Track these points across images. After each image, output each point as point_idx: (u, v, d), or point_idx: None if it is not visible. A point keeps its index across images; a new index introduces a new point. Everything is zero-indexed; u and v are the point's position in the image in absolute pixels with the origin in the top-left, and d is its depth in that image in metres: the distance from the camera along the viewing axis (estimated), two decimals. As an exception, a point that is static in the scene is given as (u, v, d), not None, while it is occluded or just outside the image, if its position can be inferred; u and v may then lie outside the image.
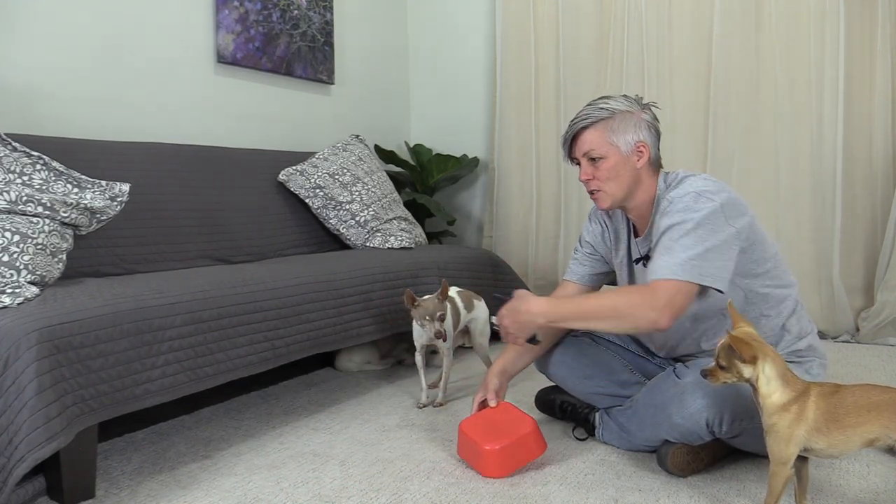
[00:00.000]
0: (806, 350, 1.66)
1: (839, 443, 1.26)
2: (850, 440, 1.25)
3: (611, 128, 1.62)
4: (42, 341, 1.40)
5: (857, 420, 1.24)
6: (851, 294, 3.10)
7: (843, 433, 1.25)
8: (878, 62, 3.00)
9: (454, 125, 4.07)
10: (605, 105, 1.64)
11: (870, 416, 1.24)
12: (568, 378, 1.88)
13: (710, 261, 1.47)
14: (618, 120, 1.63)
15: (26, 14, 2.30)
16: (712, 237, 1.48)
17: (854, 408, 1.25)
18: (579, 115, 1.66)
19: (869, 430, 1.24)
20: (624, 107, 1.64)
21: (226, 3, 2.94)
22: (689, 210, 1.51)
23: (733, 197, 1.54)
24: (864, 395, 1.26)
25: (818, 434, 1.26)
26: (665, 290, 1.46)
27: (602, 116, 1.63)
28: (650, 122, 1.66)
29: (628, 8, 3.41)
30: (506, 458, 1.59)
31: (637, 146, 1.63)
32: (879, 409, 1.24)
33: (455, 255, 2.84)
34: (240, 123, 3.09)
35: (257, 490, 1.56)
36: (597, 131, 1.63)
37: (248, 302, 1.88)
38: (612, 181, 1.63)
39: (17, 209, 1.82)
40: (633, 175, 1.64)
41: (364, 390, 2.37)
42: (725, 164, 3.25)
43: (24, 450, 1.33)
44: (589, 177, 1.66)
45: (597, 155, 1.63)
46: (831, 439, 1.26)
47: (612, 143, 1.62)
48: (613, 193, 1.65)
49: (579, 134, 1.66)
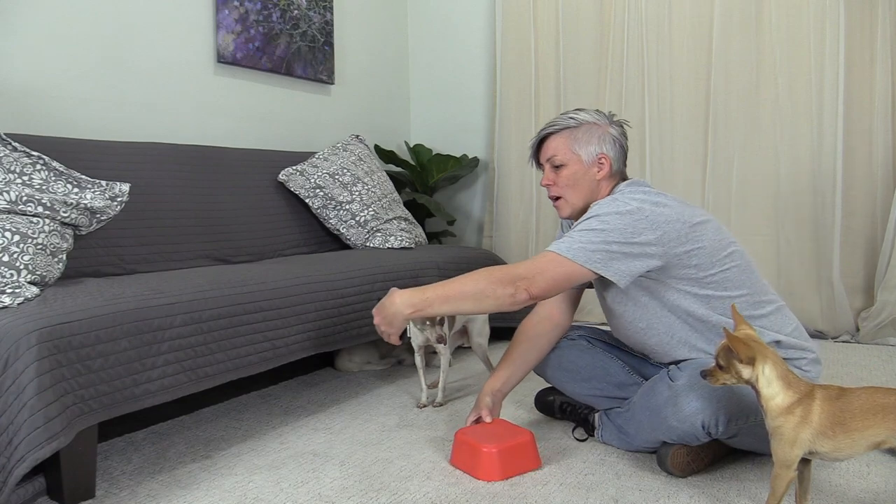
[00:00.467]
0: (787, 343, 1.62)
1: (845, 446, 1.25)
2: (856, 444, 1.25)
3: (574, 137, 1.70)
4: (42, 341, 1.40)
5: (864, 423, 1.24)
6: (851, 294, 3.10)
7: (850, 437, 1.24)
8: (878, 62, 3.01)
9: (454, 125, 4.07)
10: (574, 116, 1.72)
11: (876, 419, 1.23)
12: (566, 381, 1.88)
13: (605, 251, 1.51)
14: (583, 130, 1.70)
15: (26, 14, 2.30)
16: (614, 234, 1.51)
17: (860, 411, 1.24)
18: (548, 123, 1.74)
19: (876, 433, 1.23)
20: (592, 119, 1.71)
21: (226, 3, 2.94)
22: (601, 207, 1.57)
23: (662, 208, 1.54)
24: (869, 398, 1.26)
25: (823, 438, 1.25)
26: (533, 262, 1.54)
27: (569, 125, 1.71)
28: (615, 137, 1.72)
29: (628, 8, 3.41)
30: (503, 462, 1.59)
31: (598, 157, 1.69)
32: (886, 412, 1.23)
33: (455, 255, 2.84)
34: (240, 123, 3.09)
35: (257, 490, 1.56)
36: (561, 139, 1.71)
37: (248, 302, 1.89)
38: (571, 189, 1.71)
39: (17, 209, 1.82)
40: (592, 185, 1.70)
41: (364, 390, 2.37)
42: (725, 164, 3.25)
43: (24, 450, 1.33)
44: (550, 182, 1.73)
45: (559, 162, 1.71)
46: (837, 443, 1.25)
47: (574, 152, 1.70)
48: (573, 202, 1.72)
49: (545, 140, 1.74)
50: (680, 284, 1.60)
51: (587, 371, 1.84)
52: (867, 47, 3.02)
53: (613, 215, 1.53)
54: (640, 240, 1.52)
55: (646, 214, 1.53)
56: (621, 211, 1.53)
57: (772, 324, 1.63)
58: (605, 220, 1.53)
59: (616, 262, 1.53)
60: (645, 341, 1.71)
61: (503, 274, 1.55)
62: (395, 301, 1.61)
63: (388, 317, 1.63)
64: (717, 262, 1.59)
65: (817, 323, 3.10)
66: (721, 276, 1.59)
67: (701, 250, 1.57)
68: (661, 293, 1.62)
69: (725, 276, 1.60)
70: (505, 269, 1.57)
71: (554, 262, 1.54)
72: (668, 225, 1.53)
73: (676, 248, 1.54)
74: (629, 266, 1.53)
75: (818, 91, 3.07)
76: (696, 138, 3.31)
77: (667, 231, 1.53)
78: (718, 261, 1.59)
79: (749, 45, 3.18)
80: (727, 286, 1.60)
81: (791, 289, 3.13)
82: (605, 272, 1.53)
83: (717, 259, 1.58)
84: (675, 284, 1.60)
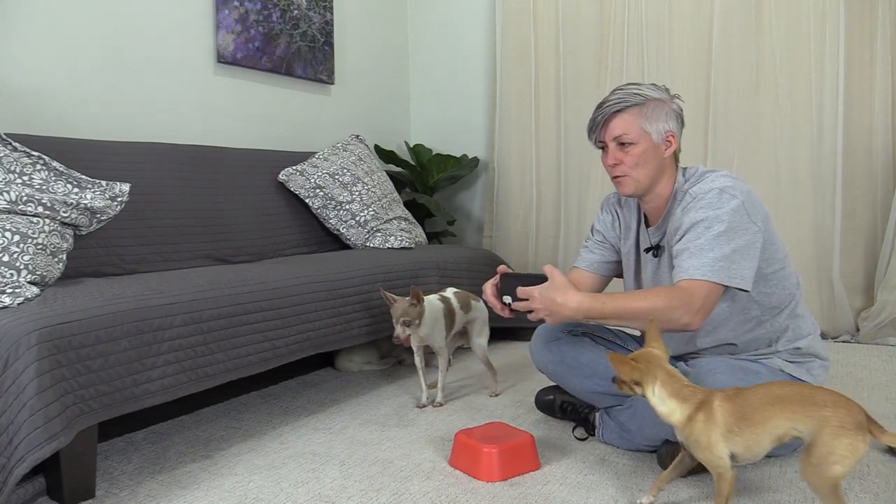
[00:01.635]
0: (806, 350, 1.66)
1: (753, 442, 1.28)
2: (761, 438, 1.27)
3: (644, 114, 1.61)
4: (42, 341, 1.40)
5: (764, 415, 1.27)
6: (851, 294, 3.10)
7: (754, 431, 1.27)
8: (878, 62, 3.00)
9: (454, 125, 4.07)
10: (639, 91, 1.62)
11: (775, 409, 1.27)
12: (568, 378, 1.87)
13: (737, 262, 1.48)
14: (650, 107, 1.62)
15: (26, 14, 2.30)
16: (738, 237, 1.49)
17: (759, 404, 1.28)
18: (611, 99, 1.64)
19: (777, 424, 1.26)
20: (657, 94, 1.63)
21: (226, 3, 2.94)
22: (713, 207, 1.51)
23: (753, 194, 1.55)
24: (767, 391, 1.30)
25: (733, 436, 1.28)
26: (699, 292, 1.47)
27: (636, 101, 1.62)
28: (678, 113, 1.66)
29: (628, 8, 3.41)
30: (503, 462, 1.59)
31: (667, 135, 1.63)
32: (783, 403, 1.27)
33: (455, 255, 2.84)
34: (240, 123, 3.09)
35: (257, 490, 1.56)
36: (630, 116, 1.62)
37: (248, 302, 1.89)
38: (640, 168, 1.62)
39: (17, 209, 1.82)
40: (660, 164, 1.64)
41: (364, 390, 2.37)
42: (725, 164, 3.25)
43: (24, 450, 1.33)
44: (617, 161, 1.64)
45: (628, 140, 1.62)
46: (745, 439, 1.28)
47: (645, 130, 1.61)
48: (639, 180, 1.64)
49: (611, 118, 1.63)
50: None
51: (590, 368, 1.83)
52: (867, 47, 3.02)
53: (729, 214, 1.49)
54: (750, 239, 1.50)
55: (748, 209, 1.51)
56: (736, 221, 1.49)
57: (804, 327, 1.67)
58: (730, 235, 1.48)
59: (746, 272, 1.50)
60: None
61: (683, 301, 1.46)
62: (568, 304, 1.51)
63: (555, 313, 1.54)
64: (780, 259, 1.60)
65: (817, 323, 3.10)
66: (781, 273, 1.61)
67: (772, 244, 1.58)
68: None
69: (784, 273, 1.62)
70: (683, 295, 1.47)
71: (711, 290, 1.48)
72: (763, 219, 1.54)
73: (766, 236, 1.55)
74: (752, 267, 1.51)
75: (818, 91, 3.07)
76: (696, 138, 3.31)
77: (763, 221, 1.54)
78: (781, 258, 1.61)
79: (749, 45, 3.18)
80: (785, 284, 1.62)
81: (791, 289, 3.13)
82: (745, 285, 1.50)
83: (780, 256, 1.60)
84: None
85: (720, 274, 1.47)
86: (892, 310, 2.94)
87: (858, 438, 1.20)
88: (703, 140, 3.30)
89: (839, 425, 1.20)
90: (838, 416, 1.21)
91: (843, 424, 1.20)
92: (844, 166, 3.04)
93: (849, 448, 1.19)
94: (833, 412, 1.22)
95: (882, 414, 2.01)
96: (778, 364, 1.62)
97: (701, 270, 1.47)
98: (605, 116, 1.64)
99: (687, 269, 1.49)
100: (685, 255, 1.51)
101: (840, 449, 1.19)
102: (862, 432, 1.20)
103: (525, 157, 3.76)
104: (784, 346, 1.64)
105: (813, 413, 1.23)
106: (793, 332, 1.65)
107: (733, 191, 1.51)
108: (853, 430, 1.20)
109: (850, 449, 1.19)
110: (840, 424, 1.21)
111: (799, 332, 1.66)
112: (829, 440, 1.20)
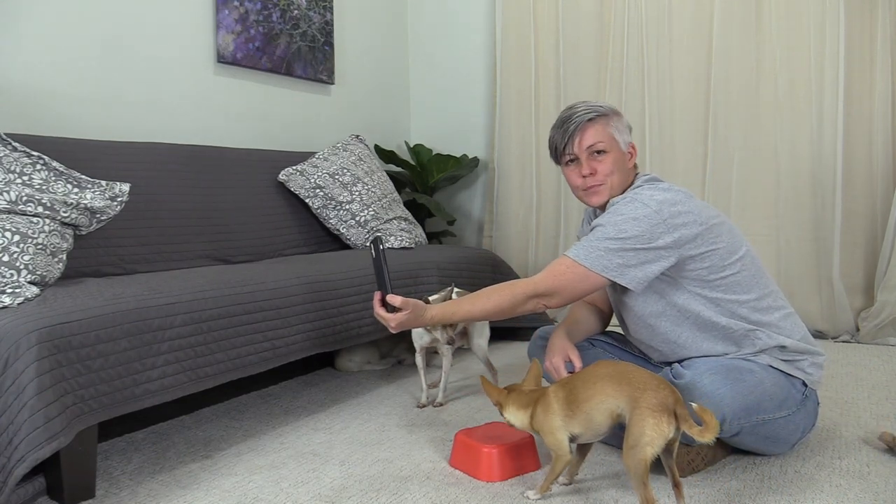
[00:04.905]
0: (793, 348, 1.62)
1: (587, 420, 1.38)
2: (591, 415, 1.37)
3: (611, 124, 1.67)
4: (42, 341, 1.40)
5: (588, 393, 1.38)
6: (851, 294, 3.10)
7: (583, 409, 1.38)
8: (878, 62, 3.00)
9: (454, 125, 4.07)
10: (598, 104, 1.68)
11: (596, 387, 1.37)
12: None
13: (623, 257, 1.52)
14: (614, 119, 1.68)
15: (26, 14, 2.30)
16: (631, 241, 1.51)
17: (583, 384, 1.40)
18: (578, 110, 1.67)
19: (601, 400, 1.35)
20: (613, 109, 1.69)
21: (226, 3, 2.94)
22: (617, 213, 1.56)
23: (688, 204, 1.55)
24: (592, 371, 1.42)
25: (570, 420, 1.40)
26: (551, 274, 1.56)
27: (602, 112, 1.67)
28: (630, 128, 1.73)
29: (628, 8, 3.40)
30: (503, 462, 1.59)
31: (629, 146, 1.69)
32: (604, 381, 1.37)
33: (455, 255, 2.84)
34: (240, 123, 3.09)
35: (257, 490, 1.56)
36: (600, 126, 1.66)
37: (248, 302, 1.89)
38: (615, 175, 1.66)
39: (17, 209, 1.82)
40: (627, 173, 1.69)
41: (364, 390, 2.37)
42: (725, 164, 3.25)
43: (24, 450, 1.33)
44: (592, 171, 1.65)
45: (603, 147, 1.65)
46: (580, 420, 1.38)
47: (615, 139, 1.66)
48: (614, 187, 1.66)
49: (586, 126, 1.65)
50: (690, 286, 1.59)
51: None
52: (867, 47, 3.02)
53: (631, 221, 1.52)
54: (657, 244, 1.52)
55: (664, 217, 1.52)
56: (638, 216, 1.52)
57: (779, 329, 1.63)
58: (623, 228, 1.52)
59: (632, 270, 1.53)
60: (651, 339, 1.71)
61: (523, 290, 1.57)
62: (425, 319, 1.63)
63: (410, 326, 1.65)
64: (729, 265, 1.59)
65: (817, 323, 3.10)
66: (732, 279, 1.60)
67: (714, 252, 1.57)
68: (672, 294, 1.61)
69: (736, 279, 1.60)
70: (525, 285, 1.58)
71: (570, 269, 1.55)
72: (686, 228, 1.53)
73: (691, 250, 1.55)
74: (645, 272, 1.53)
75: (818, 91, 3.06)
76: (696, 138, 3.31)
77: (683, 234, 1.53)
78: (730, 264, 1.59)
79: (749, 45, 3.18)
80: (736, 290, 1.60)
81: (791, 289, 3.12)
82: (622, 280, 1.53)
83: (728, 262, 1.59)
84: (685, 285, 1.60)
85: (594, 261, 1.53)
86: (892, 310, 2.94)
87: (662, 419, 1.26)
88: (703, 140, 3.30)
89: (646, 406, 1.28)
90: (646, 397, 1.29)
91: (650, 405, 1.28)
92: (844, 166, 3.04)
93: (654, 428, 1.26)
94: (642, 393, 1.30)
95: (882, 414, 2.01)
96: (767, 361, 1.61)
97: (574, 251, 1.55)
98: (577, 125, 1.65)
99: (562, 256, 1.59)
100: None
101: (648, 429, 1.26)
102: (667, 414, 1.27)
103: (525, 157, 3.76)
104: (764, 346, 1.62)
105: (627, 392, 1.32)
106: (766, 332, 1.62)
107: (650, 200, 1.53)
108: (659, 411, 1.27)
109: (656, 429, 1.26)
110: (647, 405, 1.28)
111: (779, 331, 1.63)
112: (639, 420, 1.27)
